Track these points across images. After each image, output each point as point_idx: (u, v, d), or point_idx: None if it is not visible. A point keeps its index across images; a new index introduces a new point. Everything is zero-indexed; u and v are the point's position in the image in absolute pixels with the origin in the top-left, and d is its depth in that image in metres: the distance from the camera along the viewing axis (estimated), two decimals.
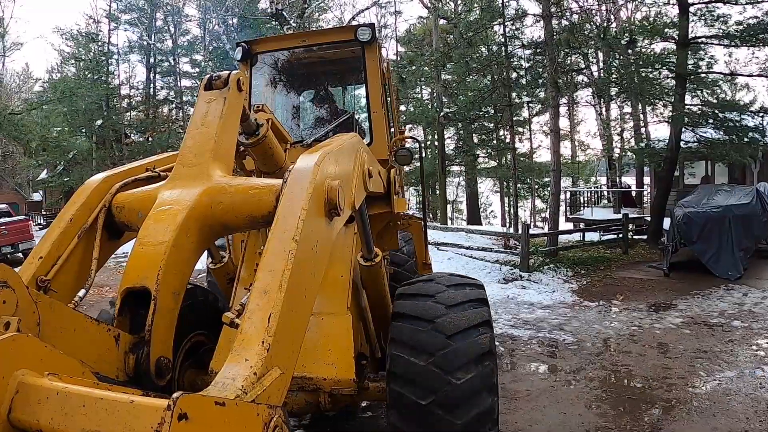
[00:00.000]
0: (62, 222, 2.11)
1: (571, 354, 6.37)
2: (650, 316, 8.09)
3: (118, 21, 28.33)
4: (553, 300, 9.38)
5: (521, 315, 8.31)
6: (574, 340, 6.92)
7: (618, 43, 13.95)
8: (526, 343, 6.86)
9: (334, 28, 14.32)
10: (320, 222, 1.88)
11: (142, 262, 1.80)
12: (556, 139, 14.35)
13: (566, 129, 30.95)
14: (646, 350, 6.46)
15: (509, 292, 9.80)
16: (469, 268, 11.66)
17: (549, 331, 7.41)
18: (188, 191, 1.95)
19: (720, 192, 12.12)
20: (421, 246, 5.54)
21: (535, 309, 8.75)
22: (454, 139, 29.00)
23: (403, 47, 31.81)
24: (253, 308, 1.51)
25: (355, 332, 3.07)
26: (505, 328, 7.58)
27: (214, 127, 2.17)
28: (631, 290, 9.95)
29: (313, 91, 5.36)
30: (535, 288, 10.24)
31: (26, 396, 1.18)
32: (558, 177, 13.98)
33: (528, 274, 11.17)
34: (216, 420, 1.05)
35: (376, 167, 3.15)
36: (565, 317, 8.19)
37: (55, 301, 1.69)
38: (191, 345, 3.00)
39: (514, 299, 9.38)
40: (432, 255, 11.97)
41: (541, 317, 8.21)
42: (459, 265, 11.73)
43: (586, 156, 33.81)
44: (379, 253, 3.16)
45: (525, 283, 10.66)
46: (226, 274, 3.81)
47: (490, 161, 28.93)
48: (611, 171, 24.56)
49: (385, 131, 4.12)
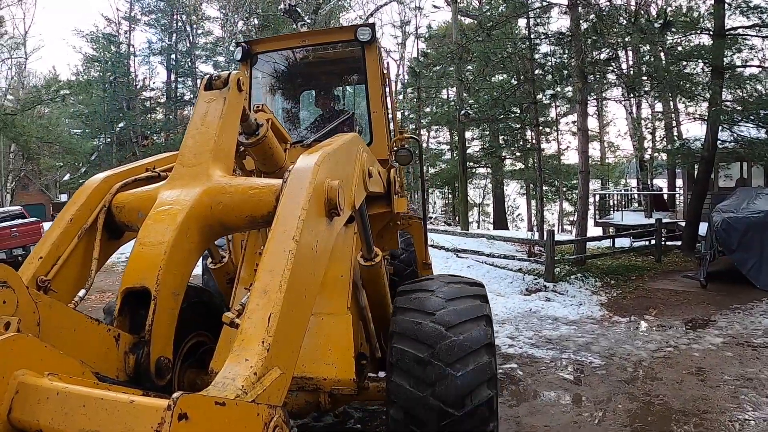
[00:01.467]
0: (62, 222, 2.11)
1: (598, 380, 5.67)
2: (687, 334, 7.31)
3: (138, 22, 28.34)
4: (579, 314, 8.55)
5: (544, 332, 7.57)
6: (602, 363, 6.21)
7: (651, 27, 12.24)
8: (548, 366, 6.19)
9: (334, 28, 14.31)
10: (320, 222, 1.88)
11: (142, 262, 1.80)
12: (584, 139, 13.01)
13: (595, 129, 29.74)
14: (683, 377, 5.69)
15: (532, 305, 9.03)
16: (490, 277, 10.92)
17: (574, 351, 6.66)
18: (188, 191, 1.96)
19: (761, 195, 11.05)
20: (421, 246, 5.54)
21: (560, 325, 7.97)
22: (480, 140, 28.21)
23: (425, 44, 30.87)
24: (253, 308, 1.51)
25: (355, 332, 3.08)
26: (526, 348, 6.87)
27: (214, 127, 2.17)
28: (665, 304, 9.11)
29: (313, 91, 5.36)
30: (560, 300, 9.43)
31: (26, 396, 1.18)
32: (586, 179, 12.82)
33: (553, 284, 10.32)
34: (216, 420, 1.05)
35: (376, 167, 3.15)
36: (592, 335, 7.42)
37: (55, 301, 1.69)
38: (191, 345, 3.01)
39: (537, 313, 8.64)
40: (451, 263, 11.52)
41: (565, 335, 7.45)
42: (479, 274, 10.84)
43: (616, 158, 32.53)
44: (379, 253, 3.17)
45: (550, 294, 9.85)
46: (226, 274, 3.81)
47: (518, 163, 27.88)
48: (642, 173, 23.14)
49: (385, 131, 4.13)
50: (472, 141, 29.73)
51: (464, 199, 20.55)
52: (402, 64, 30.60)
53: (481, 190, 35.70)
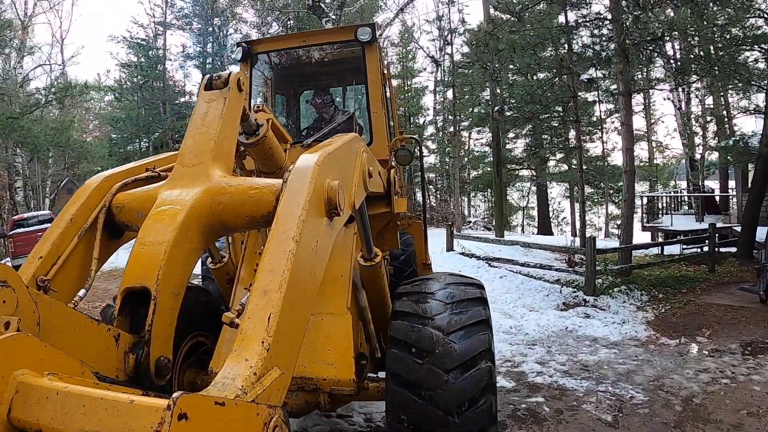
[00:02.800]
0: (62, 222, 2.11)
1: (639, 422, 4.75)
2: (745, 362, 6.27)
3: (172, 27, 28.25)
4: (622, 335, 7.55)
5: (580, 356, 6.60)
6: (645, 398, 5.28)
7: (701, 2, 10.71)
8: (580, 401, 5.25)
9: (334, 28, 14.31)
10: (320, 222, 1.88)
11: (142, 262, 1.81)
12: (628, 135, 11.64)
13: (642, 129, 28.07)
14: (741, 418, 4.76)
15: (569, 323, 8.06)
16: (524, 289, 10.03)
17: (613, 382, 5.72)
18: (188, 191, 1.96)
19: None
20: (421, 246, 5.54)
21: (599, 348, 6.98)
22: (523, 138, 26.95)
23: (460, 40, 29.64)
24: (253, 308, 1.51)
25: (355, 332, 3.07)
26: (557, 377, 5.89)
27: (214, 127, 2.17)
28: (720, 322, 7.96)
29: (313, 91, 5.36)
30: (601, 317, 8.42)
31: (26, 396, 1.18)
32: (631, 179, 11.43)
33: (593, 298, 9.20)
34: (216, 420, 1.05)
35: (376, 167, 3.15)
36: (635, 361, 6.44)
37: (55, 301, 1.69)
38: (191, 345, 3.01)
39: (574, 332, 7.67)
40: (482, 272, 11.08)
41: (604, 360, 6.50)
42: (512, 286, 10.12)
43: (664, 158, 30.91)
44: (379, 253, 3.17)
45: (589, 310, 8.79)
46: (226, 274, 3.81)
47: (562, 165, 26.37)
48: (693, 173, 21.41)
49: (385, 131, 4.13)
50: (515, 140, 28.34)
51: (500, 202, 18.84)
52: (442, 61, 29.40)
53: (525, 193, 34.23)
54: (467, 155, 32.18)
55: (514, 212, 34.59)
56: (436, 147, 31.65)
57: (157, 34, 27.99)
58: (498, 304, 8.94)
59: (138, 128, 25.47)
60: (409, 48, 30.78)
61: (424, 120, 32.15)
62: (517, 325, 7.96)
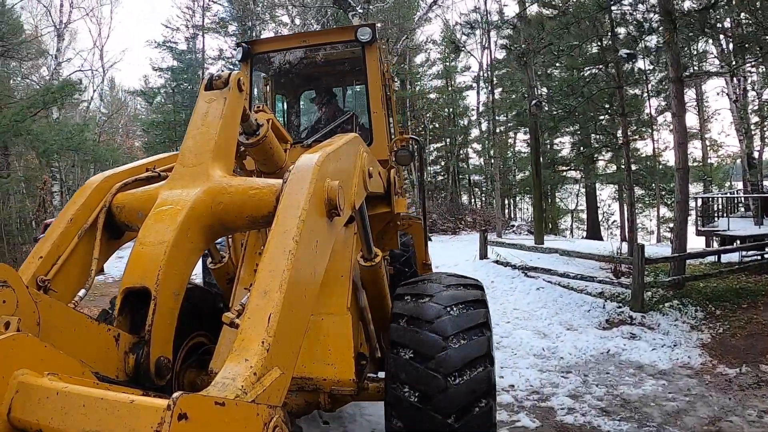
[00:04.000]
0: (62, 222, 2.11)
1: None
2: None
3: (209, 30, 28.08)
4: (672, 361, 6.40)
5: (621, 388, 5.56)
6: None
7: None
8: None
9: (334, 28, 14.28)
10: (320, 222, 1.88)
11: (142, 262, 1.81)
12: (680, 127, 10.04)
13: (695, 126, 25.48)
14: None
15: (611, 345, 6.93)
16: (562, 303, 8.84)
17: (659, 425, 4.74)
18: (188, 191, 1.96)
19: None
20: (421, 246, 5.55)
21: (644, 378, 5.90)
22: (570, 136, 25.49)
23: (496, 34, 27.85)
24: (253, 308, 1.51)
25: (355, 332, 3.07)
26: (591, 416, 4.96)
27: (214, 127, 2.18)
28: None
29: (313, 91, 5.36)
30: (648, 338, 7.20)
31: (26, 396, 1.18)
32: (684, 178, 9.98)
33: (641, 315, 8.02)
34: (216, 420, 1.05)
35: (376, 167, 3.15)
36: (687, 396, 5.38)
37: (55, 301, 1.69)
38: (191, 345, 3.01)
39: (617, 357, 6.58)
40: (517, 283, 10.04)
41: (650, 394, 5.45)
42: (549, 299, 8.99)
43: (719, 157, 28.11)
44: (379, 253, 3.16)
45: (636, 329, 7.57)
46: (226, 274, 3.81)
47: (612, 165, 24.32)
48: (751, 171, 19.41)
49: (385, 131, 4.13)
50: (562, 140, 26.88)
51: (539, 205, 16.81)
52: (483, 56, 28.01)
53: (574, 196, 32.21)
54: (513, 157, 30.94)
55: (562, 215, 32.82)
56: (480, 148, 30.67)
57: (193, 37, 27.92)
58: (532, 320, 8.08)
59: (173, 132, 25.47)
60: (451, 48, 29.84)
61: (468, 121, 31.02)
62: (551, 346, 6.93)
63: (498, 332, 7.02)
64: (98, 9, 37.65)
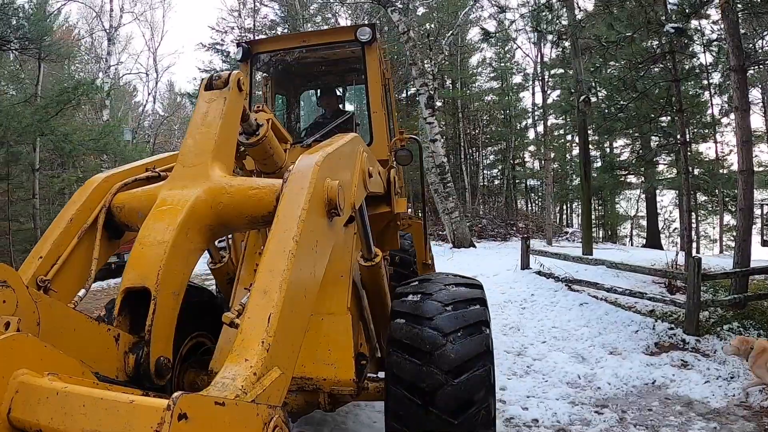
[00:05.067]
0: (62, 222, 2.11)
1: None
2: None
3: (258, 32, 27.97)
4: (728, 398, 5.32)
5: (663, 431, 4.74)
6: None
7: None
8: None
9: (334, 28, 14.25)
10: (320, 222, 1.88)
11: (142, 262, 1.81)
12: (743, 123, 8.75)
13: (761, 128, 23.19)
14: None
15: (658, 374, 5.91)
16: (608, 322, 7.78)
17: None
18: (188, 191, 1.96)
19: None
20: (420, 246, 5.55)
21: (693, 418, 4.95)
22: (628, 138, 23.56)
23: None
24: (253, 308, 1.51)
25: (355, 332, 3.08)
26: None
27: (214, 127, 2.18)
28: None
29: (313, 91, 5.36)
30: (701, 368, 6.08)
31: (26, 396, 1.18)
32: (749, 181, 8.66)
33: (695, 339, 6.90)
34: (216, 420, 1.05)
35: (376, 167, 3.15)
36: None
37: (55, 301, 1.69)
38: (191, 345, 3.01)
39: (663, 390, 5.57)
40: (559, 297, 8.97)
41: None
42: (593, 317, 7.97)
43: None
44: (379, 253, 3.17)
45: (688, 355, 6.46)
46: (226, 274, 3.81)
47: (672, 169, 22.45)
48: None
49: (385, 131, 4.13)
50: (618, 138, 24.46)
51: (587, 211, 14.83)
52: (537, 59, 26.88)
53: (634, 201, 30.17)
54: (571, 160, 28.67)
55: (622, 222, 30.94)
56: (535, 151, 29.41)
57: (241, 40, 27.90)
58: (570, 341, 7.07)
59: None
60: (507, 48, 28.69)
61: (525, 123, 30.05)
62: (588, 373, 5.97)
63: (531, 354, 6.53)
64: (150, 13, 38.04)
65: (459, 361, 2.63)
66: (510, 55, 29.11)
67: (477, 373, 2.63)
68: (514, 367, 6.07)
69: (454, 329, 2.73)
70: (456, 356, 2.64)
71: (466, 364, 2.63)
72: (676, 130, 14.05)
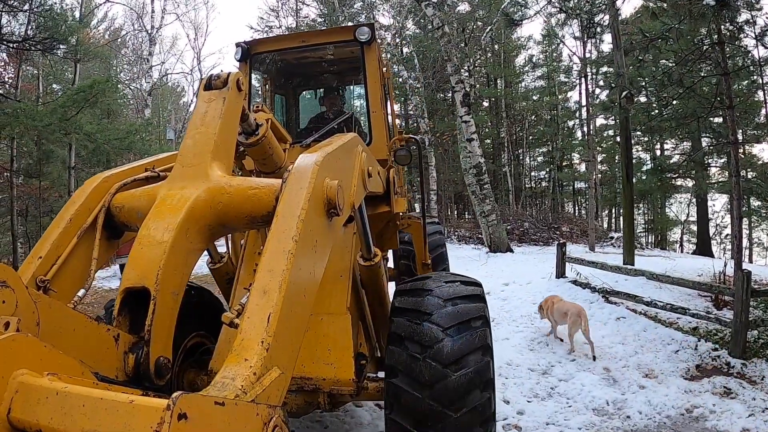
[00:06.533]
0: (62, 222, 2.11)
1: None
2: None
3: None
4: None
5: None
6: None
7: None
8: None
9: (333, 28, 14.27)
10: (320, 222, 1.88)
11: (142, 262, 1.81)
12: None
13: None
14: None
15: (696, 402, 5.26)
16: (645, 339, 7.10)
17: None
18: (188, 191, 1.96)
19: None
20: (420, 246, 5.55)
21: None
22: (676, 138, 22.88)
23: None
24: (252, 308, 1.51)
25: (355, 332, 3.08)
26: None
27: (213, 127, 2.18)
28: None
29: (312, 90, 5.36)
30: (747, 397, 5.38)
31: (26, 396, 1.18)
32: None
33: (741, 362, 6.19)
34: (215, 420, 1.06)
35: (376, 167, 3.15)
36: None
37: (54, 301, 1.69)
38: (191, 345, 3.01)
39: (701, 422, 4.94)
40: (594, 310, 8.11)
41: None
42: (630, 333, 7.32)
43: None
44: (379, 253, 3.17)
45: (732, 381, 5.72)
46: (226, 274, 3.81)
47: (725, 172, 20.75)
48: None
49: (385, 131, 4.13)
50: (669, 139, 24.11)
51: (629, 217, 13.60)
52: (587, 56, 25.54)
53: (685, 206, 28.96)
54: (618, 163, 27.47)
55: (671, 227, 29.21)
56: (582, 151, 27.99)
57: None
58: (603, 360, 6.44)
59: None
60: (553, 47, 28.03)
61: (573, 123, 28.94)
62: (618, 399, 5.36)
63: (557, 373, 5.95)
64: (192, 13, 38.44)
65: (458, 354, 2.66)
66: (557, 53, 28.35)
67: (476, 366, 2.65)
68: (537, 388, 5.53)
69: (453, 324, 2.75)
70: (455, 350, 2.66)
71: (465, 358, 2.66)
72: (727, 129, 12.93)
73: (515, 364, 6.19)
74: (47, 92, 16.97)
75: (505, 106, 27.40)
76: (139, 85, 26.36)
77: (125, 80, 27.50)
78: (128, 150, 13.32)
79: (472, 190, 15.89)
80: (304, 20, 27.49)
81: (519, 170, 29.37)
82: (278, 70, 4.74)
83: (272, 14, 27.77)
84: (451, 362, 2.63)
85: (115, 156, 14.52)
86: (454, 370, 2.61)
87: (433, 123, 24.38)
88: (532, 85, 29.42)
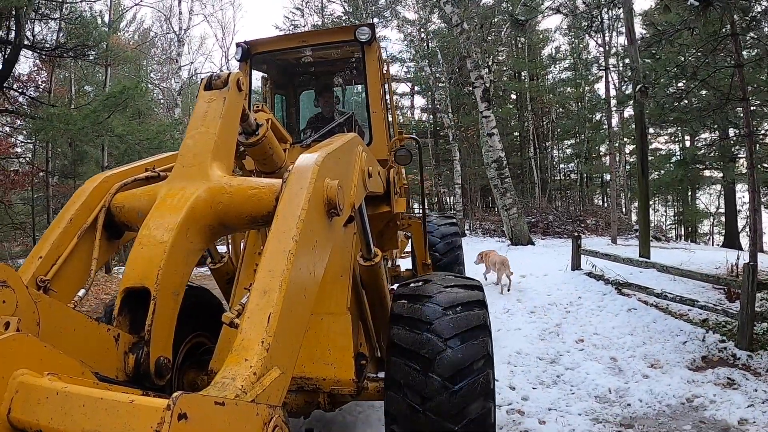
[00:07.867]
0: (62, 222, 2.11)
1: None
2: None
3: None
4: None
5: None
6: None
7: None
8: None
9: (333, 28, 14.25)
10: (320, 222, 1.88)
11: (142, 262, 1.81)
12: None
13: None
14: None
15: (698, 392, 5.28)
16: (654, 330, 7.14)
17: None
18: (188, 191, 1.96)
19: None
20: (420, 246, 5.54)
21: None
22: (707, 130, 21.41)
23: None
24: (252, 308, 1.51)
25: (355, 332, 3.08)
26: None
27: (213, 127, 2.18)
28: None
29: (312, 90, 5.36)
30: (748, 388, 5.38)
31: (26, 396, 1.18)
32: None
33: (747, 354, 6.25)
34: (215, 420, 1.06)
35: (376, 167, 3.15)
36: None
37: (55, 301, 1.69)
38: (191, 345, 3.01)
39: (700, 411, 4.95)
40: (607, 301, 8.49)
41: None
42: (639, 325, 7.37)
43: None
44: (379, 253, 3.17)
45: (736, 373, 5.76)
46: (226, 274, 3.81)
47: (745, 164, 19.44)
48: None
49: (385, 131, 4.13)
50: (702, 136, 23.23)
51: (644, 209, 13.58)
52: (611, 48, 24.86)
53: (714, 198, 28.61)
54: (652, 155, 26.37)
55: (701, 219, 28.87)
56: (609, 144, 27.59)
57: None
58: (611, 349, 6.53)
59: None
60: (578, 39, 27.62)
61: (601, 116, 28.40)
62: (621, 387, 5.45)
63: (564, 362, 6.08)
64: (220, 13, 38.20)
65: (459, 365, 2.62)
66: (583, 44, 27.98)
67: (477, 378, 2.63)
68: (543, 376, 5.70)
69: (454, 334, 2.71)
70: (456, 361, 2.63)
71: (465, 369, 2.63)
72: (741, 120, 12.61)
73: (525, 353, 6.36)
74: (79, 94, 17.16)
75: (530, 99, 27.34)
76: (168, 84, 26.54)
77: (155, 80, 27.61)
78: (159, 149, 13.56)
79: (494, 184, 16.20)
80: (329, 17, 27.41)
81: (545, 163, 29.26)
82: (278, 70, 4.74)
83: (297, 13, 27.71)
84: (452, 374, 2.60)
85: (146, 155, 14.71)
86: (455, 382, 2.58)
87: (458, 117, 24.46)
88: (559, 77, 29.25)
